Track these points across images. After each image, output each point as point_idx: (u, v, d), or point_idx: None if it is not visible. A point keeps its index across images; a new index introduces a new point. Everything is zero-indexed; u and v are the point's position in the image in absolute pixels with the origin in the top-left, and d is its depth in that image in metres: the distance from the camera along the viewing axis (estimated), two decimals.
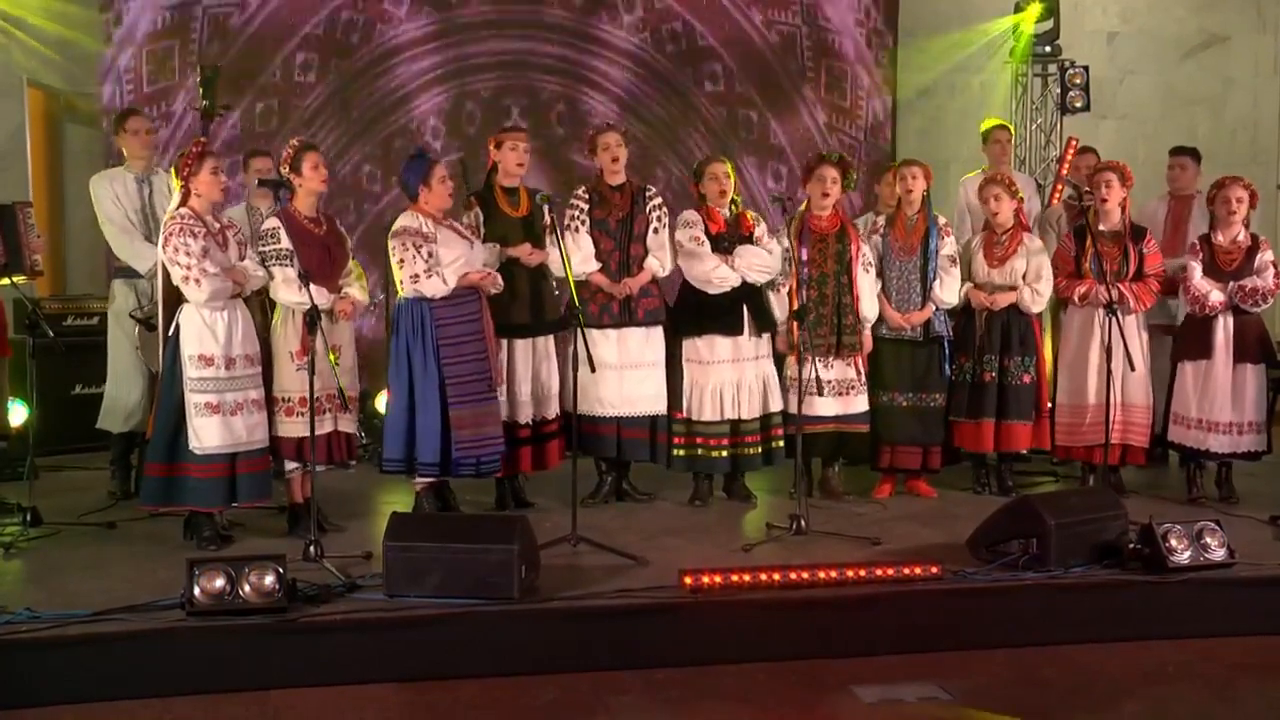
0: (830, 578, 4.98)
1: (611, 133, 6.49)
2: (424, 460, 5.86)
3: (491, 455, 5.94)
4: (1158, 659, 4.87)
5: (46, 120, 8.94)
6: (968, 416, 6.62)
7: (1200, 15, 10.28)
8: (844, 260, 6.46)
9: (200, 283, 5.33)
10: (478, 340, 5.88)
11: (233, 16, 8.62)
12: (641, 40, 9.21)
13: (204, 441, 5.38)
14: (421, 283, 5.77)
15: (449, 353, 5.83)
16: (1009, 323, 6.61)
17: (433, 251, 5.78)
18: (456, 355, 5.83)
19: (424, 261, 5.75)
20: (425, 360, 5.83)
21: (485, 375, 5.88)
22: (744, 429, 6.43)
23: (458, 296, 5.85)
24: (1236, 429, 6.47)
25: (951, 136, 9.65)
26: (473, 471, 5.93)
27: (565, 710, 4.34)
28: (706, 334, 6.41)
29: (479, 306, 5.91)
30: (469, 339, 5.86)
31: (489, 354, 5.91)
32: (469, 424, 5.84)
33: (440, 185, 5.87)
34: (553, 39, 9.14)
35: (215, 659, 4.42)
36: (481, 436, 5.88)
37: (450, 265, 5.80)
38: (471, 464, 5.89)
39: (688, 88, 9.33)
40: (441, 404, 5.82)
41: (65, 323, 7.54)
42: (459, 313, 5.86)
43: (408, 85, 8.97)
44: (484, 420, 5.89)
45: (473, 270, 5.88)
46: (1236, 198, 6.48)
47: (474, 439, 5.85)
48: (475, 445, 5.86)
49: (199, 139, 6.11)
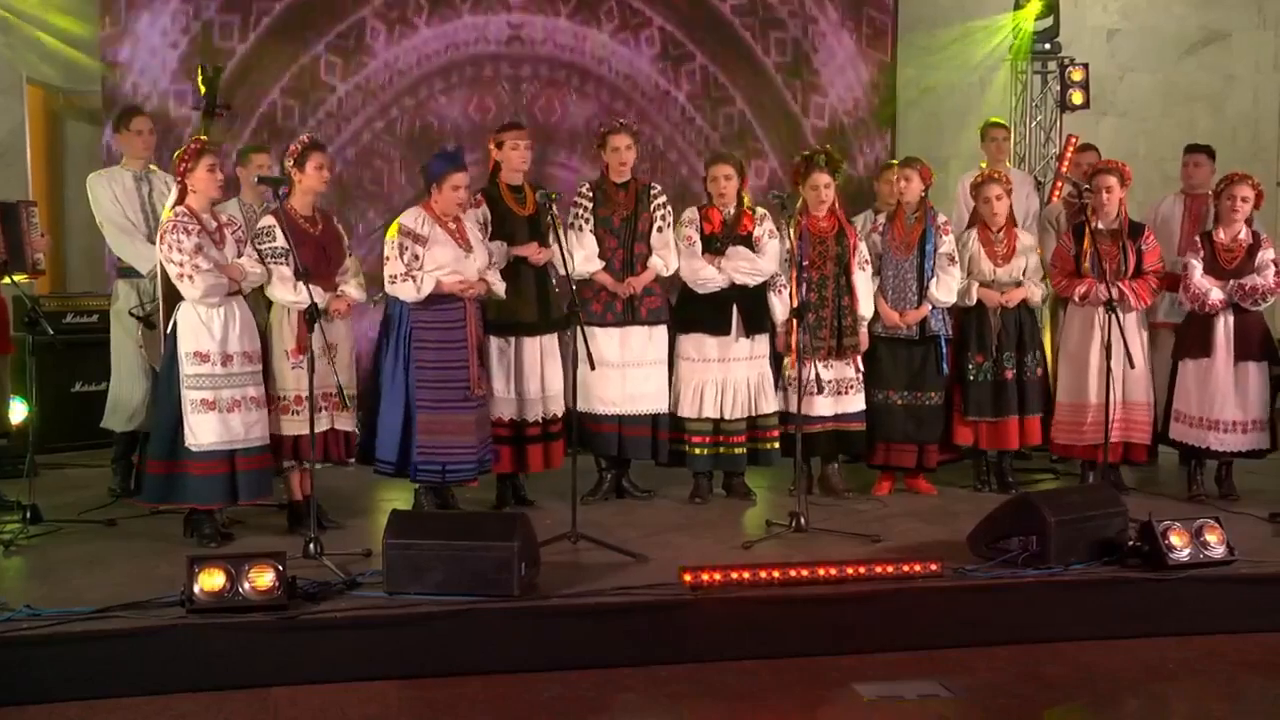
0: (830, 575, 4.98)
1: (622, 134, 6.48)
2: (381, 457, 5.90)
3: (460, 464, 5.87)
4: (1158, 656, 4.87)
5: (46, 118, 8.94)
6: (993, 415, 6.62)
7: (1200, 12, 10.27)
8: (843, 261, 6.46)
9: (194, 279, 5.34)
10: (456, 348, 5.84)
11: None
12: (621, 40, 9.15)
13: (199, 438, 5.38)
14: (397, 285, 5.79)
15: (421, 356, 5.82)
16: (1020, 319, 6.64)
17: (418, 254, 5.78)
18: (427, 360, 5.82)
19: (403, 264, 5.77)
20: (396, 358, 5.85)
21: (461, 383, 5.83)
22: (727, 429, 6.44)
23: (439, 302, 5.82)
24: (1240, 427, 6.47)
25: (951, 134, 9.64)
26: (437, 478, 5.90)
27: (566, 707, 4.34)
28: (695, 332, 6.44)
29: (463, 314, 5.86)
30: (447, 345, 5.83)
31: (469, 363, 5.85)
32: (434, 430, 5.82)
33: (451, 192, 5.85)
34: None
35: (216, 656, 4.42)
36: (450, 444, 5.83)
37: (432, 271, 5.79)
38: (435, 469, 5.86)
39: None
40: (406, 405, 5.81)
41: (65, 320, 7.54)
42: (439, 318, 5.84)
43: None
44: (453, 428, 5.83)
45: (458, 278, 5.83)
46: (1242, 196, 6.48)
47: (436, 445, 5.82)
48: (438, 451, 5.82)
49: (198, 136, 6.11)
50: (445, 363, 5.83)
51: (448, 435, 5.83)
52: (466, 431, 5.86)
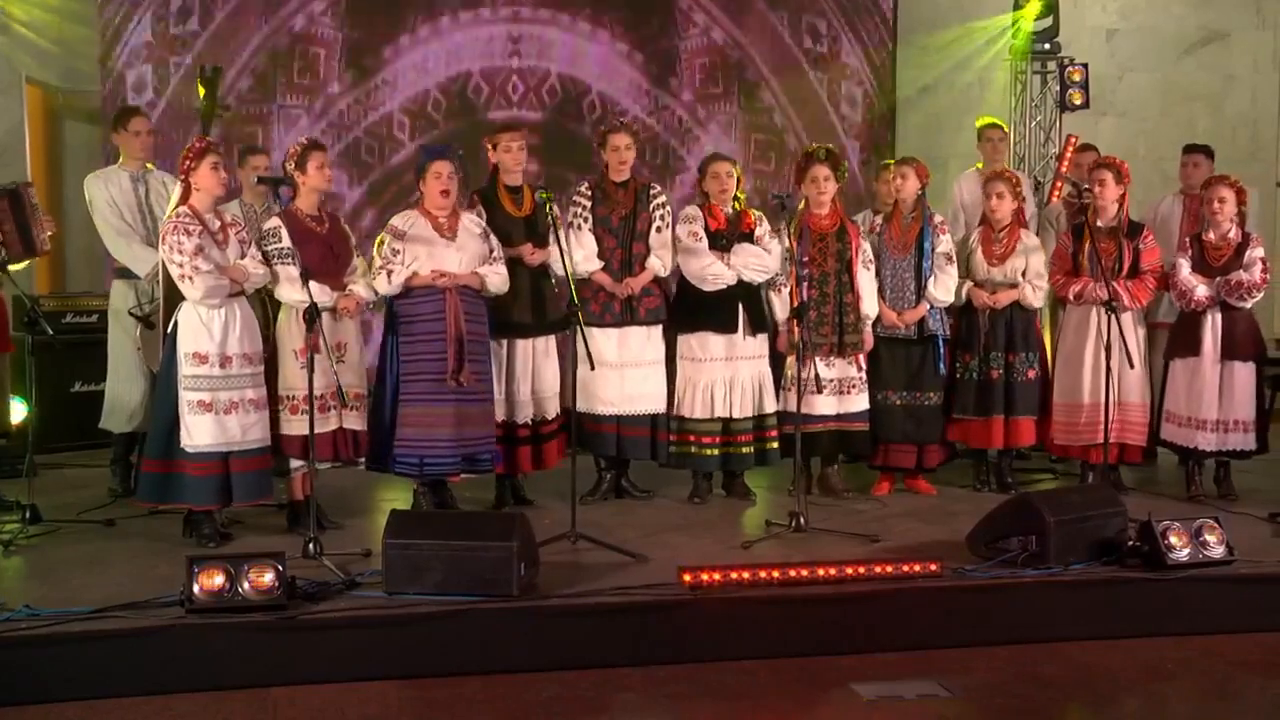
0: (830, 575, 4.98)
1: (623, 133, 6.47)
2: (373, 449, 5.91)
3: (439, 459, 5.86)
4: (1157, 656, 4.87)
5: (45, 117, 8.94)
6: (976, 414, 6.62)
7: (1199, 12, 10.28)
8: (844, 259, 6.46)
9: (193, 280, 5.34)
10: (435, 339, 5.82)
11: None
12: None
13: (195, 439, 5.38)
14: (376, 279, 5.82)
15: (403, 350, 5.84)
16: (1012, 320, 6.62)
17: (397, 249, 5.81)
18: (408, 353, 5.84)
19: (381, 259, 5.81)
20: (390, 354, 5.88)
21: (439, 375, 5.81)
22: (735, 428, 6.43)
23: (417, 295, 5.83)
24: (1223, 427, 6.47)
25: (950, 134, 9.65)
26: (415, 471, 5.90)
27: (565, 707, 4.34)
28: (701, 331, 6.41)
29: (441, 306, 5.83)
30: (425, 338, 5.83)
31: (448, 354, 5.80)
32: (413, 422, 5.82)
33: (434, 180, 5.86)
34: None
35: (215, 656, 4.42)
36: (426, 437, 5.82)
37: (410, 264, 5.80)
38: (414, 463, 5.85)
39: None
40: (392, 399, 5.84)
41: (64, 320, 7.54)
42: (416, 311, 5.84)
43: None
44: (433, 420, 5.82)
45: (428, 271, 5.80)
46: (1219, 198, 6.51)
47: (417, 438, 5.82)
48: (418, 445, 5.82)
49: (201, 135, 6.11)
50: (424, 355, 5.82)
51: (423, 428, 5.81)
52: (444, 424, 5.82)
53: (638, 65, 9.22)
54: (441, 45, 8.98)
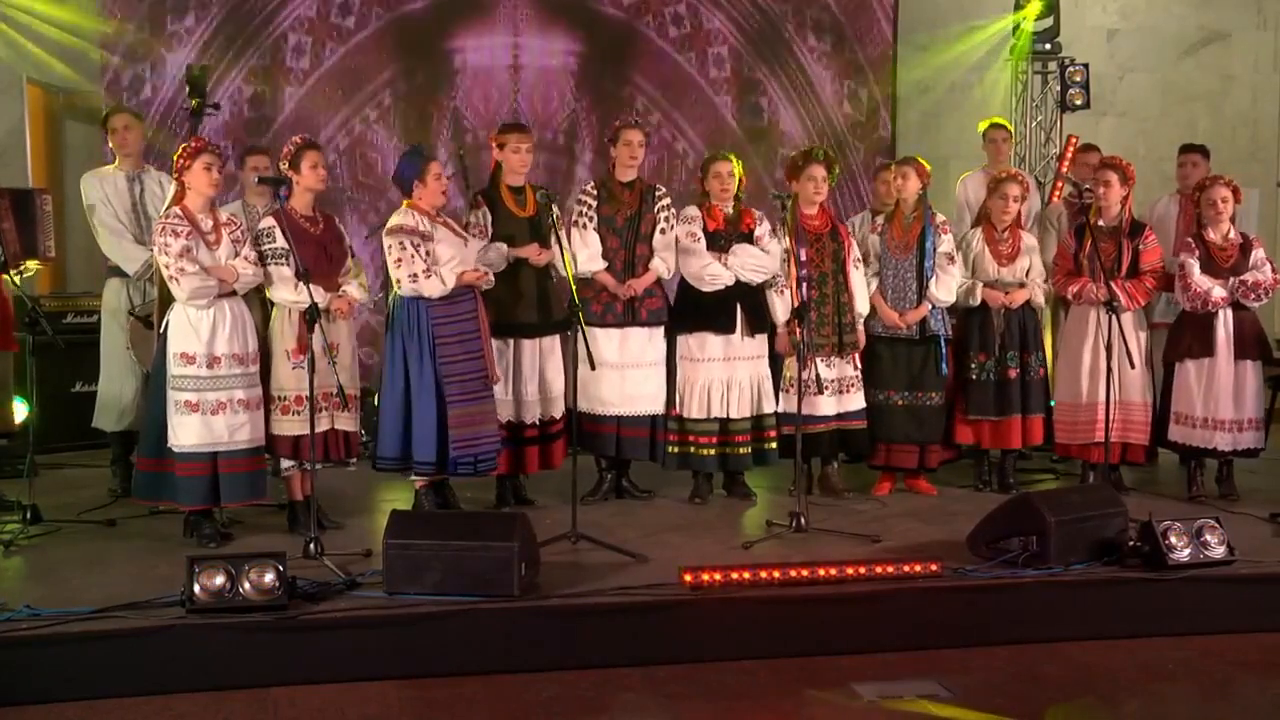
0: (830, 575, 4.98)
1: (637, 130, 6.47)
2: (420, 459, 5.85)
3: (488, 453, 5.92)
4: (1158, 656, 4.87)
5: (46, 117, 8.93)
6: (995, 414, 6.62)
7: (1200, 12, 10.28)
8: (839, 259, 6.46)
9: (179, 281, 5.34)
10: (474, 339, 5.86)
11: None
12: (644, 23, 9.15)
13: (181, 439, 5.38)
14: (420, 283, 5.75)
15: (446, 351, 5.81)
16: (1024, 319, 6.65)
17: (430, 250, 5.77)
18: (453, 354, 5.82)
19: (423, 261, 5.73)
20: (421, 359, 5.81)
21: (481, 373, 5.86)
22: (734, 428, 6.43)
23: (453, 295, 5.82)
24: (1237, 426, 6.48)
25: (951, 134, 9.64)
26: (470, 470, 5.91)
27: (566, 707, 4.34)
28: (699, 331, 6.42)
29: (474, 305, 5.89)
30: (465, 338, 5.84)
31: (484, 352, 5.89)
32: (466, 422, 5.83)
33: (435, 182, 5.85)
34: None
35: (215, 656, 4.42)
36: (479, 435, 5.86)
37: (448, 264, 5.79)
38: (469, 462, 5.88)
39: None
40: (439, 403, 5.81)
41: (65, 320, 7.56)
42: (455, 311, 5.84)
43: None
44: (480, 419, 5.87)
45: (468, 269, 5.87)
46: (1221, 198, 6.51)
47: (471, 437, 5.84)
48: (472, 444, 5.85)
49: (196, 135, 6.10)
50: (461, 355, 5.83)
51: (474, 426, 5.84)
52: (488, 421, 5.91)
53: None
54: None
